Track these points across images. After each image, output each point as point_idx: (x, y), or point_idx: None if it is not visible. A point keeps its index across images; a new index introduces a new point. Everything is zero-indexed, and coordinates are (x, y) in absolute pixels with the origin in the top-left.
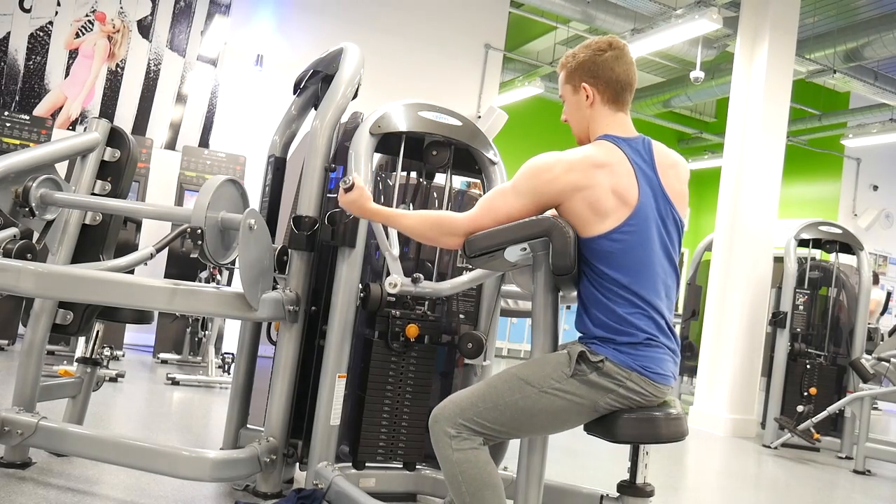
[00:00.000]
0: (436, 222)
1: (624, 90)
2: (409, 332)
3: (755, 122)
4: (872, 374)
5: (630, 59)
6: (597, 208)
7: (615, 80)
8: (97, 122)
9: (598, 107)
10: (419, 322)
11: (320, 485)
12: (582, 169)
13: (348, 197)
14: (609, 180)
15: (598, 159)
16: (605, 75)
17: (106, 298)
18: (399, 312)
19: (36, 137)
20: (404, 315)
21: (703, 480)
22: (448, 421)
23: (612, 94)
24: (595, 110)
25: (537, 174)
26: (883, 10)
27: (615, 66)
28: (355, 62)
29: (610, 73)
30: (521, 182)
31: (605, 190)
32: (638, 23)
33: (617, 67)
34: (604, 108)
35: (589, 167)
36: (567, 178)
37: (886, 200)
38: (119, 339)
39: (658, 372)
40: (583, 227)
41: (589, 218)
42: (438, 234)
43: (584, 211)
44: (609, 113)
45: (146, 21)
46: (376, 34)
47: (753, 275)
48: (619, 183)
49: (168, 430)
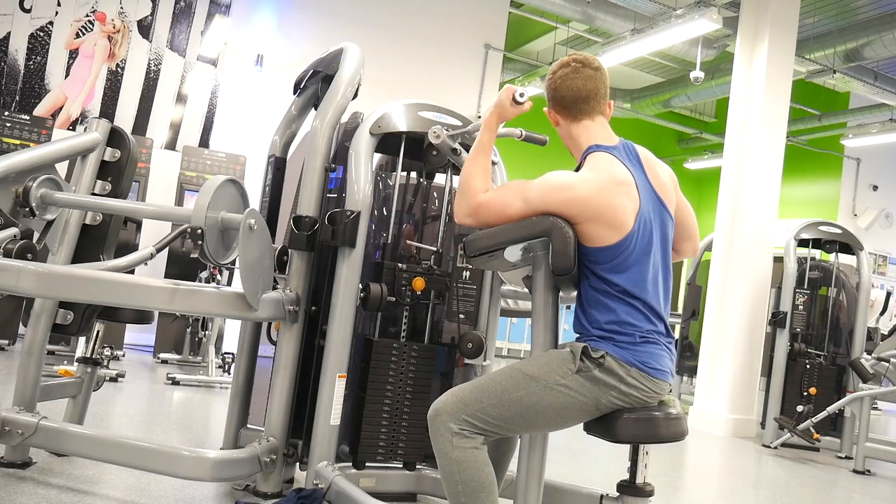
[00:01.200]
0: (469, 179)
1: (574, 102)
2: (416, 285)
3: (755, 122)
4: (872, 374)
5: (589, 73)
6: (614, 224)
7: (561, 97)
8: (97, 122)
9: (563, 124)
10: (425, 276)
11: (320, 484)
12: (608, 192)
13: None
14: (629, 197)
15: (619, 177)
16: (562, 93)
17: (106, 298)
18: (405, 266)
19: (36, 137)
20: (410, 269)
21: (703, 480)
22: (451, 416)
23: (563, 109)
24: (562, 128)
25: (557, 191)
26: (883, 10)
27: (563, 85)
28: (355, 62)
29: (566, 90)
30: (538, 195)
31: (626, 208)
32: (638, 23)
33: (564, 86)
34: (567, 123)
35: (613, 187)
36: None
37: (886, 200)
38: (119, 339)
39: (656, 367)
40: (596, 241)
41: (606, 235)
42: (461, 188)
43: (602, 229)
44: (584, 125)
45: (146, 21)
46: (376, 34)
47: (753, 275)
48: (631, 195)
49: (168, 430)
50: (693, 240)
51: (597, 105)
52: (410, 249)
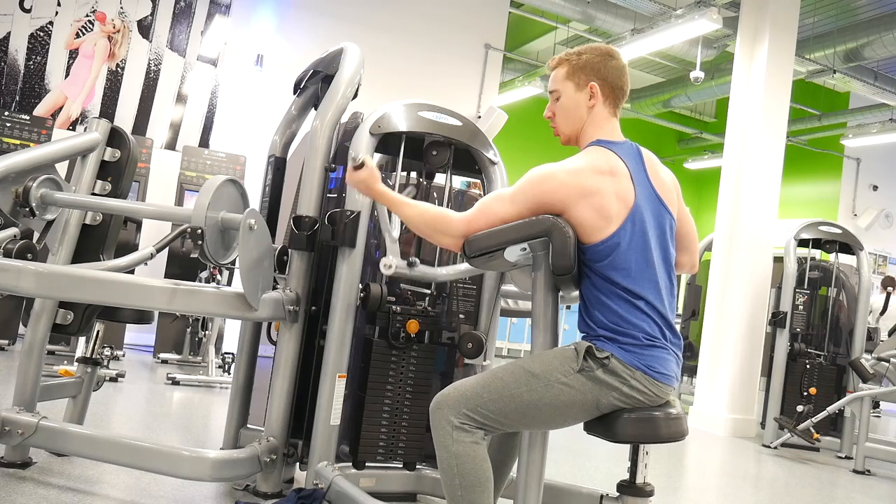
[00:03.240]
0: (433, 220)
1: (622, 98)
2: (410, 328)
3: (755, 122)
4: (872, 374)
5: (628, 73)
6: (603, 212)
7: (619, 87)
8: (97, 122)
9: (600, 108)
10: (420, 318)
11: (320, 484)
12: (586, 175)
13: (357, 175)
14: (613, 186)
15: (601, 166)
16: (612, 80)
17: (106, 298)
18: (399, 308)
19: (36, 137)
20: (405, 311)
21: (703, 480)
22: (452, 409)
23: (615, 98)
24: (595, 111)
25: (539, 183)
26: (883, 10)
27: (620, 74)
28: (355, 62)
29: (615, 79)
30: (520, 192)
31: (610, 194)
32: (638, 23)
33: (621, 76)
34: (604, 110)
35: (593, 173)
36: (572, 184)
37: (886, 200)
38: (119, 339)
39: (662, 372)
40: (589, 234)
41: (595, 223)
42: (434, 231)
43: (591, 216)
44: (607, 116)
45: (146, 21)
46: (376, 34)
47: (753, 275)
48: (619, 186)
49: (168, 430)
50: (691, 253)
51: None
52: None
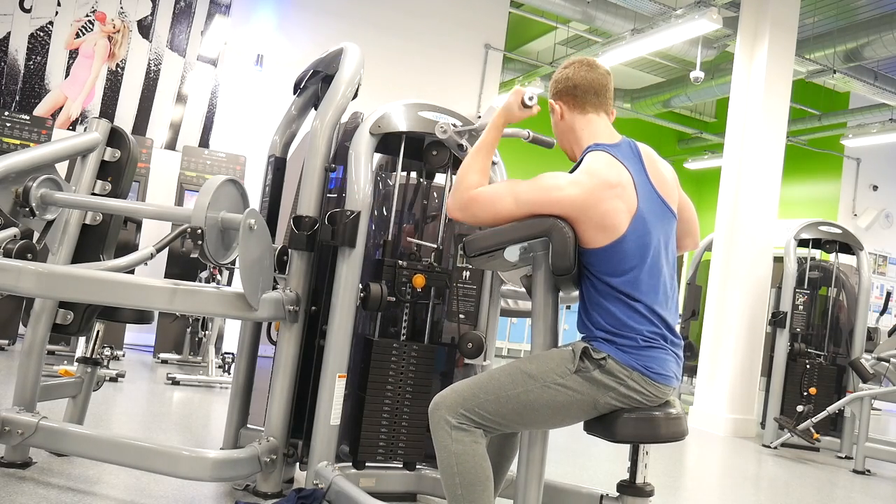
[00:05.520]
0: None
1: (586, 92)
2: (416, 282)
3: (755, 122)
4: (872, 374)
5: (603, 72)
6: (607, 223)
7: (574, 86)
8: (97, 122)
9: (567, 116)
10: (425, 272)
11: (320, 484)
12: (598, 191)
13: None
14: (621, 199)
15: (611, 180)
16: (568, 84)
17: (106, 298)
18: (405, 263)
19: (36, 137)
20: (410, 266)
21: (703, 480)
22: (449, 409)
23: (573, 98)
24: (566, 121)
25: (547, 192)
26: (883, 10)
27: (577, 75)
28: (355, 62)
29: (569, 83)
30: (527, 196)
31: (617, 209)
32: (638, 23)
33: (578, 76)
34: (581, 118)
35: (603, 188)
36: (580, 200)
37: (886, 200)
38: (119, 339)
39: (660, 372)
40: (590, 241)
41: (598, 234)
42: (457, 181)
43: (594, 227)
44: (588, 120)
45: (146, 21)
46: (376, 34)
47: (753, 275)
48: (625, 196)
49: (168, 430)
50: (694, 235)
51: (605, 101)
52: (411, 247)
